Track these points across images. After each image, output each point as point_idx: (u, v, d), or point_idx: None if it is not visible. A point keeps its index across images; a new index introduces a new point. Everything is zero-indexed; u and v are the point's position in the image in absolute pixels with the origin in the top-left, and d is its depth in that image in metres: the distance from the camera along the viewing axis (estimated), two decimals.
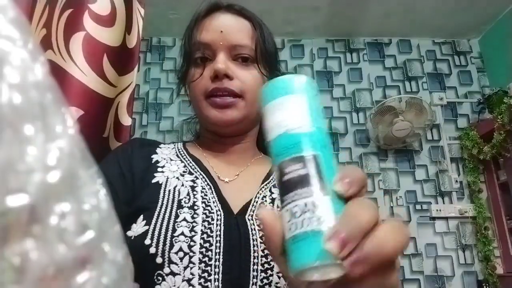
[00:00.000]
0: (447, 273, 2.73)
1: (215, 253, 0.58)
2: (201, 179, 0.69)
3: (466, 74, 3.22)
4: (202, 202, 0.64)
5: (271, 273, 0.58)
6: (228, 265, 0.57)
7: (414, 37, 3.28)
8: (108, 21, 0.97)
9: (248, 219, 0.63)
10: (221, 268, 0.57)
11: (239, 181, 0.73)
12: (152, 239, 0.57)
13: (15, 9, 0.13)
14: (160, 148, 0.77)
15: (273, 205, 0.68)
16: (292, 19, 3.03)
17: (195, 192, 0.65)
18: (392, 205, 2.86)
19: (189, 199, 0.64)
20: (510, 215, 2.71)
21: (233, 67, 0.71)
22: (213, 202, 0.64)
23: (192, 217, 0.61)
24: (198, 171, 0.70)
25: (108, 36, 0.97)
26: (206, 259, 0.57)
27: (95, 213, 0.14)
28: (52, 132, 0.13)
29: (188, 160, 0.74)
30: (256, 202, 0.67)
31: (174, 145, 0.80)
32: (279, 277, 0.58)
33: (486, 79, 3.20)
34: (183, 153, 0.76)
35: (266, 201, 0.69)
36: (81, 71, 0.90)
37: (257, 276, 0.57)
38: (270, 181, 0.74)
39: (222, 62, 0.70)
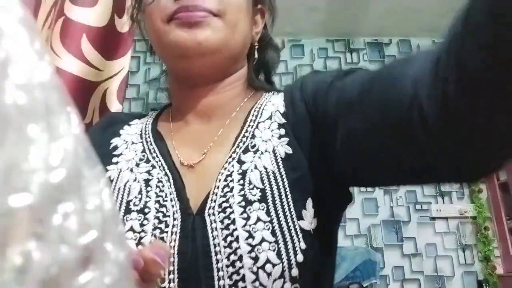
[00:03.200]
0: (447, 273, 2.73)
1: (168, 271, 0.45)
2: (159, 167, 0.53)
3: None
4: (156, 202, 0.49)
5: (244, 285, 0.45)
6: (185, 286, 0.45)
7: (414, 37, 3.28)
8: (88, 1, 0.95)
9: (209, 215, 0.48)
10: None
11: (206, 161, 0.54)
12: None
13: (22, 8, 0.13)
14: (130, 126, 0.61)
15: (244, 180, 0.50)
16: (292, 19, 3.03)
17: (149, 188, 0.51)
18: (392, 205, 2.86)
19: (140, 199, 0.50)
20: (510, 215, 2.71)
21: None
22: (171, 200, 0.49)
23: (141, 225, 0.47)
24: (157, 156, 0.55)
25: (89, 16, 0.93)
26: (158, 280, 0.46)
27: (98, 213, 0.14)
28: (56, 132, 0.13)
29: (150, 141, 0.57)
30: (218, 188, 0.50)
31: (149, 117, 0.63)
32: None
33: None
34: (148, 129, 0.60)
35: (232, 180, 0.50)
36: (56, 55, 0.87)
37: None
38: (238, 145, 0.54)
39: None
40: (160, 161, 0.54)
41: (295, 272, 0.46)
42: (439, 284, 2.70)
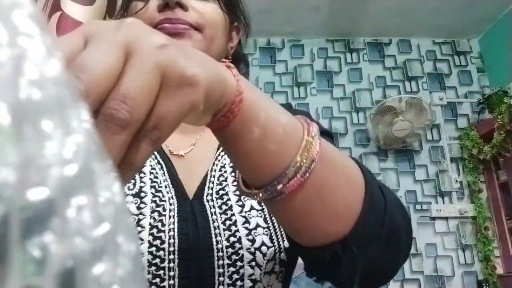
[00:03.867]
0: (447, 273, 2.74)
1: (169, 252, 0.47)
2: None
3: (466, 74, 3.23)
4: (151, 187, 0.52)
5: (241, 264, 0.48)
6: (186, 266, 0.48)
7: (414, 37, 3.28)
8: None
9: (207, 200, 0.52)
10: (176, 271, 0.47)
11: (196, 152, 0.59)
12: None
13: (33, 4, 0.13)
14: None
15: (235, 172, 0.55)
16: (292, 19, 3.03)
17: (142, 174, 0.54)
18: None
19: (134, 184, 0.52)
20: (510, 215, 2.71)
21: None
22: (165, 187, 0.53)
23: (138, 208, 0.50)
24: None
25: (86, 14, 0.94)
26: (157, 260, 0.47)
27: (111, 206, 0.14)
28: (69, 127, 0.13)
29: None
30: (214, 177, 0.55)
31: None
32: (252, 267, 0.49)
33: (486, 79, 3.21)
34: None
35: (226, 171, 0.55)
36: None
37: (224, 273, 0.48)
38: None
39: None
40: None
41: (283, 255, 0.51)
42: (439, 284, 2.71)
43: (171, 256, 0.48)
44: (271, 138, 0.31)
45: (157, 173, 0.54)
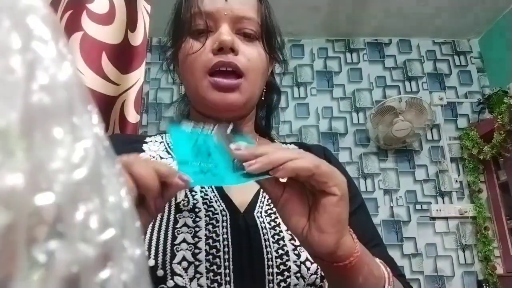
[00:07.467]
0: (447, 273, 2.74)
1: (224, 259, 0.52)
2: None
3: (466, 74, 3.23)
4: (203, 203, 0.58)
5: (288, 274, 0.53)
6: (240, 272, 0.52)
7: (414, 37, 3.28)
8: (106, 19, 0.97)
9: (258, 217, 0.58)
10: (232, 276, 0.52)
11: None
12: (149, 249, 0.51)
13: (47, 7, 0.13)
14: (147, 143, 0.68)
15: None
16: (292, 19, 3.03)
17: (193, 193, 0.59)
18: (392, 205, 2.87)
19: (188, 201, 0.58)
20: (510, 215, 2.71)
21: (238, 41, 0.63)
22: (216, 202, 0.58)
23: (194, 221, 0.55)
24: None
25: (107, 34, 0.96)
26: (214, 267, 0.52)
27: (118, 211, 0.14)
28: (79, 132, 0.13)
29: None
30: (264, 197, 0.61)
31: (162, 138, 0.71)
32: (297, 278, 0.53)
33: (486, 79, 3.21)
34: None
35: None
36: (78, 70, 0.90)
37: (273, 280, 0.53)
38: None
39: (228, 33, 0.62)
40: None
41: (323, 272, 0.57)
42: (439, 284, 2.70)
43: (226, 263, 0.53)
44: (368, 285, 0.45)
45: (206, 190, 0.60)
